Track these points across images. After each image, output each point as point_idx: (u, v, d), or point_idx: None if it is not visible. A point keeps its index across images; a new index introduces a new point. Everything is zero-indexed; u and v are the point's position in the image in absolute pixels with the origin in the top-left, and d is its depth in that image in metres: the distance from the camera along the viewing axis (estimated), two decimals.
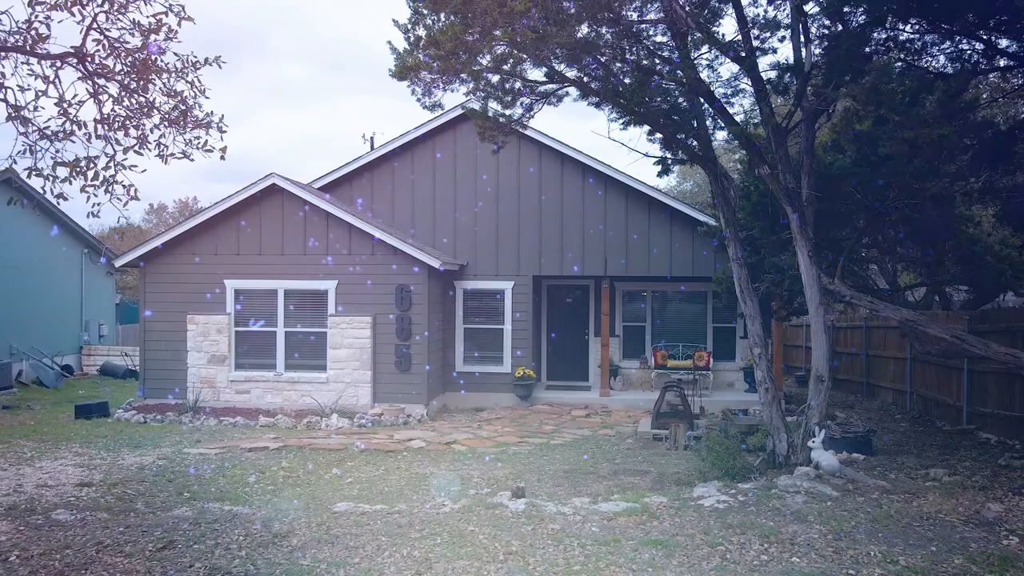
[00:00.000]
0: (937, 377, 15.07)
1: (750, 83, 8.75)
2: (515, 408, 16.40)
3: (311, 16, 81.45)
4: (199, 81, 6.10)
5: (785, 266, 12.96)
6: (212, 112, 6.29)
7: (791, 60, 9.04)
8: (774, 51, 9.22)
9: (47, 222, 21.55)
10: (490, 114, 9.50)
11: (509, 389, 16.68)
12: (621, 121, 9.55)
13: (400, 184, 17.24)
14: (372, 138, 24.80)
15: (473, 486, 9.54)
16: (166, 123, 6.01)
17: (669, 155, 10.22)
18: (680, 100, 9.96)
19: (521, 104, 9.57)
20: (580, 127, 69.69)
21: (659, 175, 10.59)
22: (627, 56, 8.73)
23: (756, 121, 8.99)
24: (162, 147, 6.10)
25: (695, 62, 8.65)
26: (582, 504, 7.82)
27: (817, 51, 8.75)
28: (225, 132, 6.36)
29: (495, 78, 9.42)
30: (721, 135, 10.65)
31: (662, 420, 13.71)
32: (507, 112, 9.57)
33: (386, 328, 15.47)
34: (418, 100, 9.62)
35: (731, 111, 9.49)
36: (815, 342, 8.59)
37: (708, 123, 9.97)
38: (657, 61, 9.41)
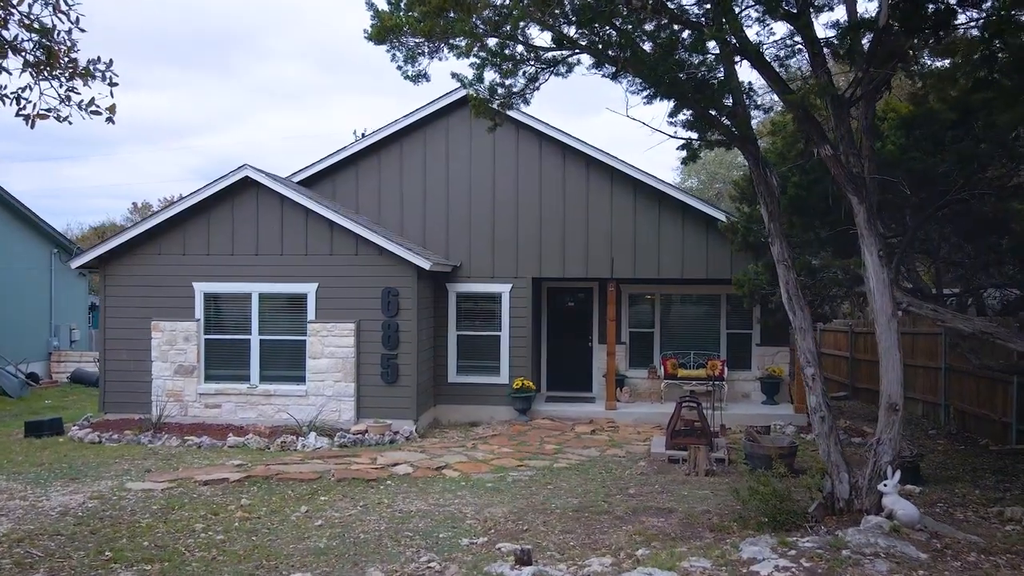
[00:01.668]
0: (978, 389, 13.32)
1: (803, 44, 6.96)
2: (513, 423, 14.57)
3: (307, 16, 79.36)
4: (66, 3, 4.21)
5: (818, 267, 11.20)
6: (99, 57, 4.41)
7: (847, 20, 7.26)
8: (830, 8, 7.43)
9: (10, 219, 19.60)
10: (486, 85, 7.67)
11: (506, 401, 14.85)
12: (644, 94, 7.73)
13: (388, 178, 15.39)
14: (364, 134, 22.93)
15: (466, 532, 7.71)
16: (31, 70, 4.17)
17: (696, 136, 8.38)
18: (707, 73, 8.14)
19: (523, 73, 7.73)
20: (585, 124, 67.99)
21: (684, 161, 8.78)
22: (657, 8, 6.90)
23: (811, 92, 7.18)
24: (23, 102, 4.27)
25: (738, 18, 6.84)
26: (604, 571, 6.00)
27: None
28: (116, 85, 4.48)
29: (492, 42, 7.60)
30: (751, 113, 8.79)
31: (678, 439, 11.90)
32: (506, 82, 7.74)
33: (371, 336, 13.62)
34: (399, 68, 7.79)
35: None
36: (886, 362, 6.79)
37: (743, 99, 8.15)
38: (678, 26, 7.61)
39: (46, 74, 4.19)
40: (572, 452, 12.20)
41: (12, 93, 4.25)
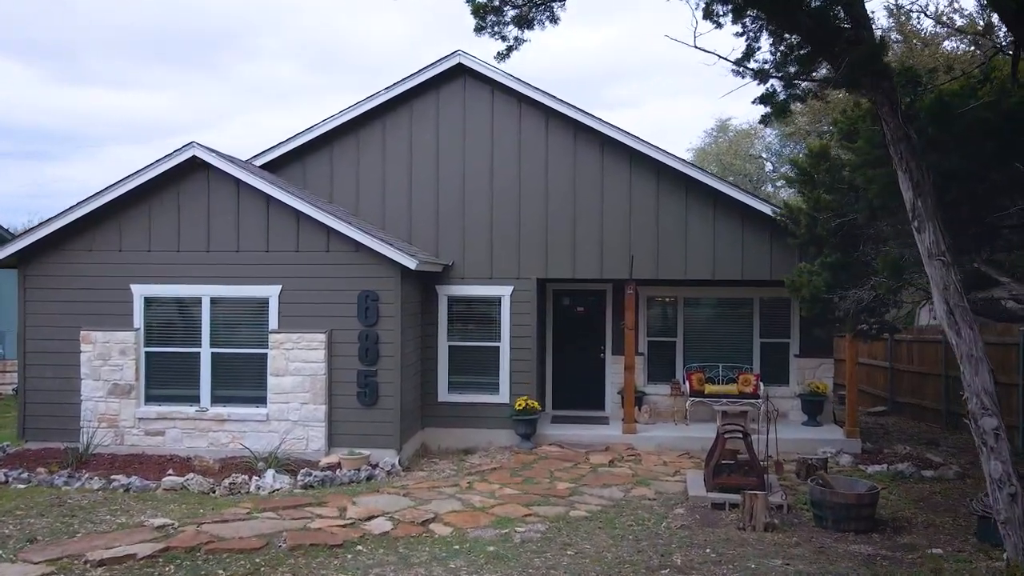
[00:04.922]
0: None
1: None
2: (515, 450, 11.82)
3: (302, 15, 76.06)
4: None
5: (907, 263, 8.51)
6: None
7: None
8: None
9: None
10: None
11: (507, 424, 12.10)
12: (728, 7, 5.03)
13: (368, 162, 12.59)
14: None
15: None
16: None
17: (779, 78, 5.64)
18: None
19: None
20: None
21: (764, 120, 6.07)
22: None
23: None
24: None
25: None
26: None
27: None
28: None
29: None
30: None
31: (722, 479, 9.22)
32: None
33: (346, 348, 10.86)
34: None
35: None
36: None
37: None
38: None
39: None
40: (590, 493, 9.49)
41: None
